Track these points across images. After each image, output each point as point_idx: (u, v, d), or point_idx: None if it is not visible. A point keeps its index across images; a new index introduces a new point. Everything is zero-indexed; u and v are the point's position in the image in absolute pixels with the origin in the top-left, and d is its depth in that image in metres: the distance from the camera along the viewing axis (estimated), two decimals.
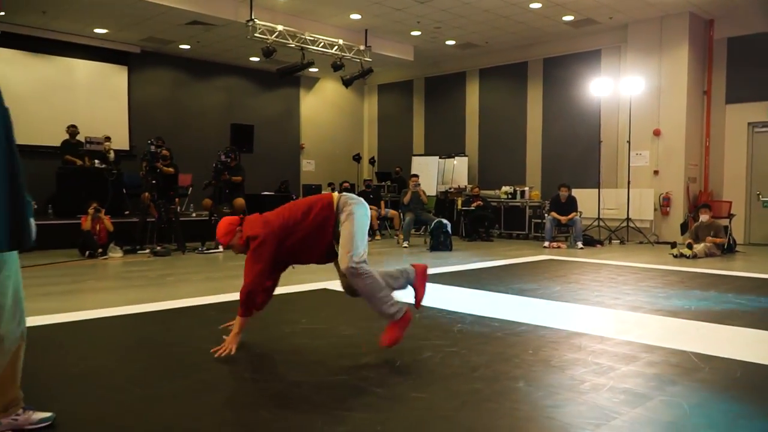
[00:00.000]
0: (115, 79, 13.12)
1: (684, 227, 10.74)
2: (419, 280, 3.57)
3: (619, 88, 11.55)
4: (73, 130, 11.02)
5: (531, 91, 13.90)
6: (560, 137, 13.33)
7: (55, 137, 10.98)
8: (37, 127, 11.65)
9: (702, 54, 11.62)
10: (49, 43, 12.03)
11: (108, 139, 11.18)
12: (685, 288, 6.08)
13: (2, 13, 10.76)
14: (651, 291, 5.86)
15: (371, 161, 16.67)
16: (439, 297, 5.31)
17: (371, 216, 11.71)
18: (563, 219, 10.66)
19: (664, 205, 11.44)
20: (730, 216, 10.40)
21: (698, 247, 9.01)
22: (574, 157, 12.90)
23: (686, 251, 8.88)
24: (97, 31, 12.00)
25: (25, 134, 11.59)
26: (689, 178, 11.48)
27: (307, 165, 16.50)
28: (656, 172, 11.57)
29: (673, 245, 9.25)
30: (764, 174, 11.17)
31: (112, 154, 11.05)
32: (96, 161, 10.87)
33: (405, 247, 10.21)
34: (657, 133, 11.52)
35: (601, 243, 10.99)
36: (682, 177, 11.37)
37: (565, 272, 7.23)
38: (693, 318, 4.61)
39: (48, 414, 2.45)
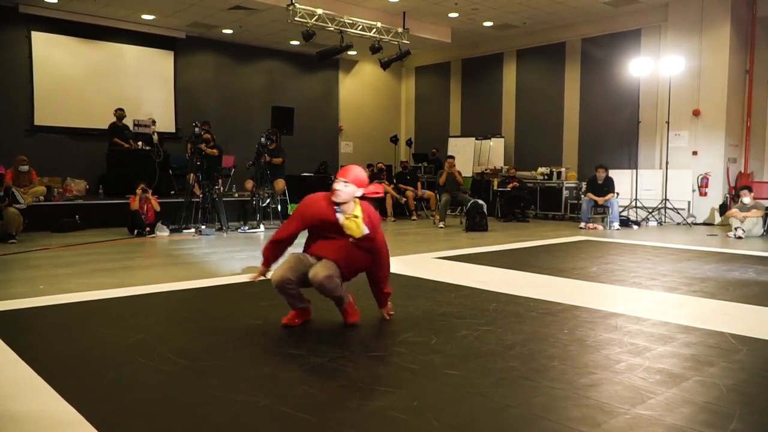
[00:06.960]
0: (162, 63, 13.46)
1: (723, 208, 10.70)
2: None
3: (659, 67, 11.44)
4: (120, 113, 11.29)
5: (569, 71, 13.82)
6: (598, 118, 13.25)
7: (106, 121, 11.32)
8: (89, 111, 12.11)
9: (744, 33, 11.42)
10: (100, 30, 12.40)
11: (153, 122, 11.45)
12: (723, 269, 6.02)
13: (56, 0, 11.19)
14: (688, 272, 5.81)
15: (408, 143, 16.77)
16: (474, 276, 5.46)
17: (408, 197, 12.01)
18: (600, 200, 10.69)
19: (702, 186, 11.37)
20: None
21: (746, 224, 9.15)
22: (612, 138, 12.84)
23: (740, 232, 9.03)
24: (145, 17, 12.32)
25: (78, 118, 12.12)
26: (729, 159, 11.37)
27: (346, 146, 16.73)
28: (695, 153, 11.48)
29: (736, 228, 9.18)
30: None
31: (156, 137, 11.25)
32: (140, 143, 11.16)
33: (441, 227, 10.40)
34: (696, 113, 11.41)
35: (638, 224, 11.01)
36: (722, 157, 11.25)
37: (602, 253, 7.25)
38: (731, 299, 4.55)
39: None
